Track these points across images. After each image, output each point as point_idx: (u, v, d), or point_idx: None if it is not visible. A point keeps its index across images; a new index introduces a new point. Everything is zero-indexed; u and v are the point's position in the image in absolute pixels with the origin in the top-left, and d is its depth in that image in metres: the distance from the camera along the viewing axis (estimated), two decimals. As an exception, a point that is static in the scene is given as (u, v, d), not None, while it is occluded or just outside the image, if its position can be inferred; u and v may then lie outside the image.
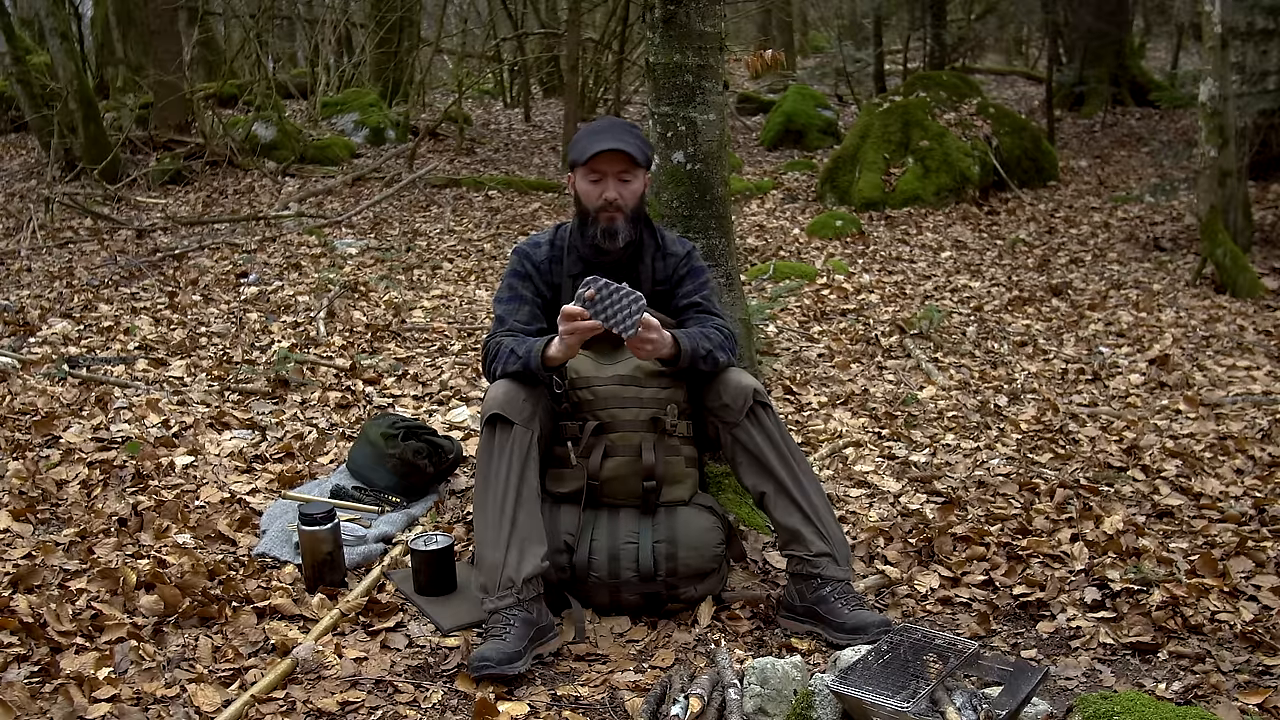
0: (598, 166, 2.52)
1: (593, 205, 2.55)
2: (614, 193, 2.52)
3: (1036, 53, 17.68)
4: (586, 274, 2.57)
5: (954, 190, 8.49)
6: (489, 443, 2.45)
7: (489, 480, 2.43)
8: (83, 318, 5.27)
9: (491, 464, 2.43)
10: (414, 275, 6.32)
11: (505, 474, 2.41)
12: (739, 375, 2.57)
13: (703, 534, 2.53)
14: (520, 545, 2.37)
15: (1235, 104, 6.82)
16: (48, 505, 3.07)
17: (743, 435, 2.52)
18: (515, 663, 2.27)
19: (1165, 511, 3.17)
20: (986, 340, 5.22)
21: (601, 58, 11.16)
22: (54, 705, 2.09)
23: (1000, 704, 1.97)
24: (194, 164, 9.41)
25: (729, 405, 2.52)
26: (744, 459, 2.54)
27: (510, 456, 2.42)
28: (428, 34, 14.13)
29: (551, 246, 2.67)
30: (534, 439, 2.44)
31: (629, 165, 2.52)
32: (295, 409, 3.98)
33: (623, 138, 2.52)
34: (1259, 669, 2.31)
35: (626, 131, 2.56)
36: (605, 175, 2.52)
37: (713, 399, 2.54)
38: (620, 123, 2.64)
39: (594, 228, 2.56)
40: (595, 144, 2.51)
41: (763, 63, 17.03)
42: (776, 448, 2.53)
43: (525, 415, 2.44)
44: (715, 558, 2.55)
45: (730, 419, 2.53)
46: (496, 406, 2.44)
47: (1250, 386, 4.54)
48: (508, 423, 2.43)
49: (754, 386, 2.54)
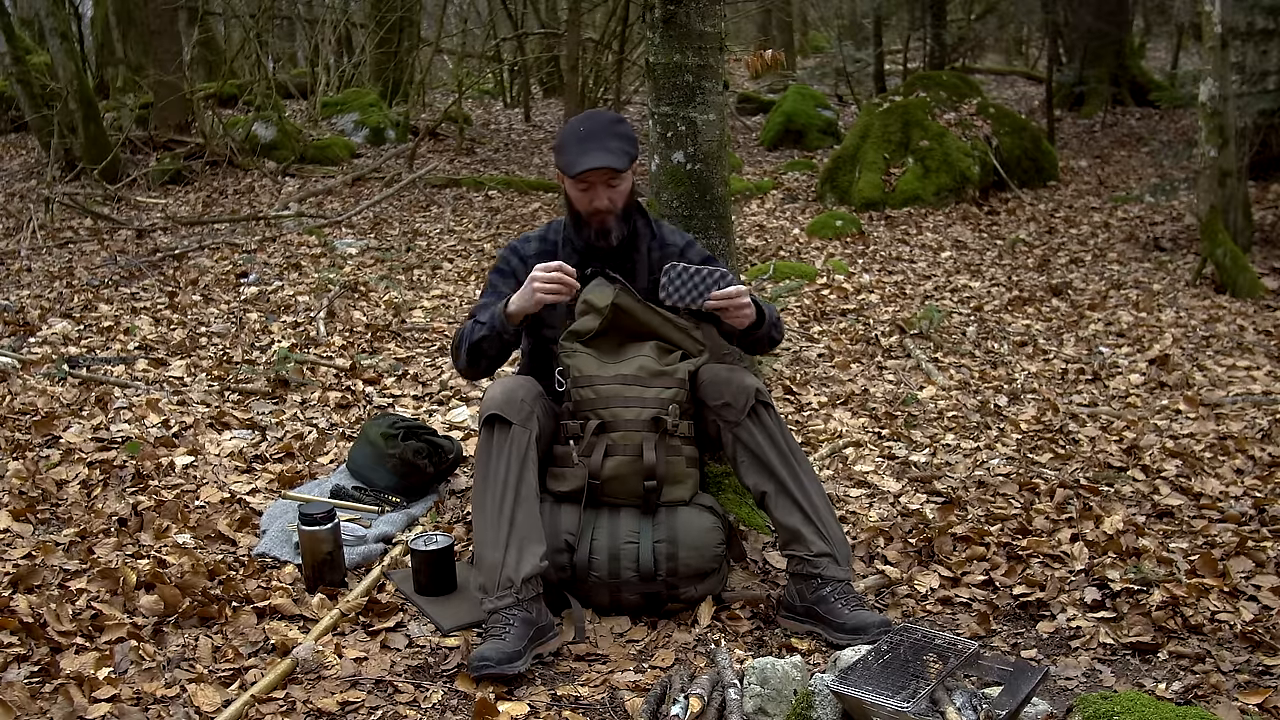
0: (585, 178, 2.53)
1: (584, 210, 2.57)
2: (604, 200, 2.55)
3: (1036, 53, 17.68)
4: (583, 266, 2.58)
5: (954, 190, 8.49)
6: (487, 443, 2.45)
7: (487, 480, 2.43)
8: (83, 318, 5.27)
9: (490, 464, 2.43)
10: (414, 275, 6.32)
11: (504, 474, 2.41)
12: (741, 374, 2.57)
13: (703, 534, 2.53)
14: (519, 545, 2.37)
15: (1235, 104, 6.82)
16: (48, 505, 3.07)
17: (744, 434, 2.53)
18: (515, 662, 2.27)
19: (1165, 511, 3.17)
20: (986, 340, 5.22)
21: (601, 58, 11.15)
22: (54, 705, 2.09)
23: (1000, 704, 1.97)
24: (194, 164, 9.41)
25: (731, 404, 2.52)
26: (745, 458, 2.55)
27: (509, 456, 2.42)
28: (428, 34, 14.12)
29: (543, 241, 2.70)
30: (532, 438, 2.44)
31: (614, 172, 2.53)
32: (295, 409, 3.98)
33: (607, 146, 2.51)
34: (1259, 669, 2.31)
35: (611, 136, 2.55)
36: (593, 185, 2.53)
37: (714, 398, 2.55)
38: (603, 125, 2.59)
39: (587, 230, 2.60)
40: (581, 159, 2.50)
41: (763, 63, 17.02)
42: (778, 447, 2.53)
43: (523, 415, 2.44)
44: (715, 558, 2.55)
45: (732, 418, 2.53)
46: (494, 406, 2.45)
47: (1250, 386, 4.54)
48: (505, 422, 2.43)
49: (756, 386, 2.55)
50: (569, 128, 2.60)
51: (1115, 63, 12.95)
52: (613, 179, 2.53)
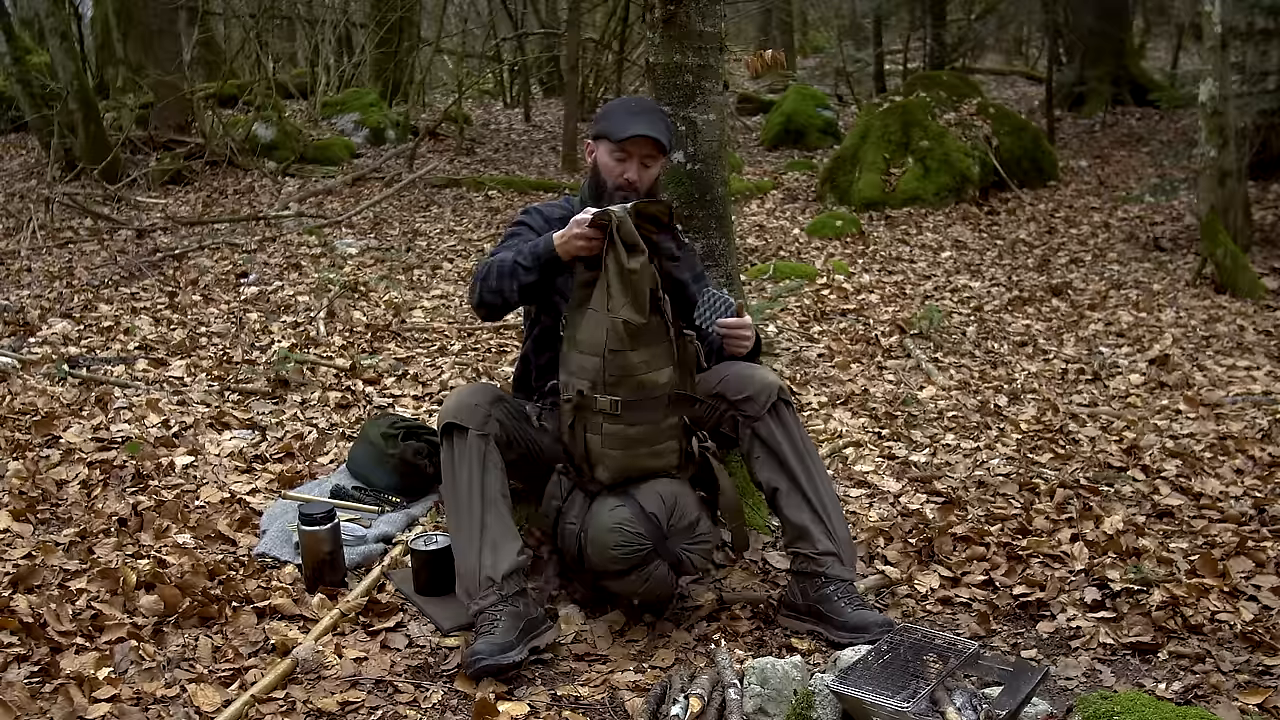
0: (627, 147, 2.54)
1: (611, 180, 2.58)
2: (635, 174, 2.56)
3: (1036, 53, 17.68)
4: None
5: (954, 190, 8.49)
6: (448, 452, 2.46)
7: (455, 489, 2.44)
8: (83, 318, 5.27)
9: (454, 473, 2.44)
10: (414, 275, 6.32)
11: (466, 481, 2.42)
12: (764, 371, 2.59)
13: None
14: (493, 546, 2.39)
15: (1235, 104, 6.82)
16: (48, 505, 3.07)
17: (763, 430, 2.53)
18: (508, 652, 2.27)
19: (1165, 511, 3.17)
20: (986, 340, 5.22)
21: (601, 58, 11.16)
22: (54, 705, 2.09)
23: (1000, 704, 1.97)
24: (194, 164, 9.40)
25: (753, 399, 2.53)
26: (761, 453, 2.55)
27: (470, 463, 2.42)
28: (428, 34, 14.11)
29: (562, 209, 2.70)
30: (491, 441, 2.44)
31: (655, 151, 2.56)
32: (295, 409, 3.98)
33: (657, 124, 2.57)
34: (1259, 669, 2.31)
35: (660, 118, 2.62)
36: (631, 156, 2.56)
37: (736, 392, 2.55)
38: (655, 106, 2.70)
39: (608, 202, 2.57)
40: (632, 125, 2.53)
41: (763, 63, 17.00)
42: (795, 445, 2.54)
43: (478, 419, 2.44)
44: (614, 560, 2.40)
45: (753, 413, 2.53)
46: (450, 416, 2.45)
47: (1250, 386, 4.54)
48: (462, 429, 2.43)
49: (779, 384, 2.56)
50: (617, 101, 2.71)
51: (1115, 63, 12.95)
52: (649, 157, 2.57)
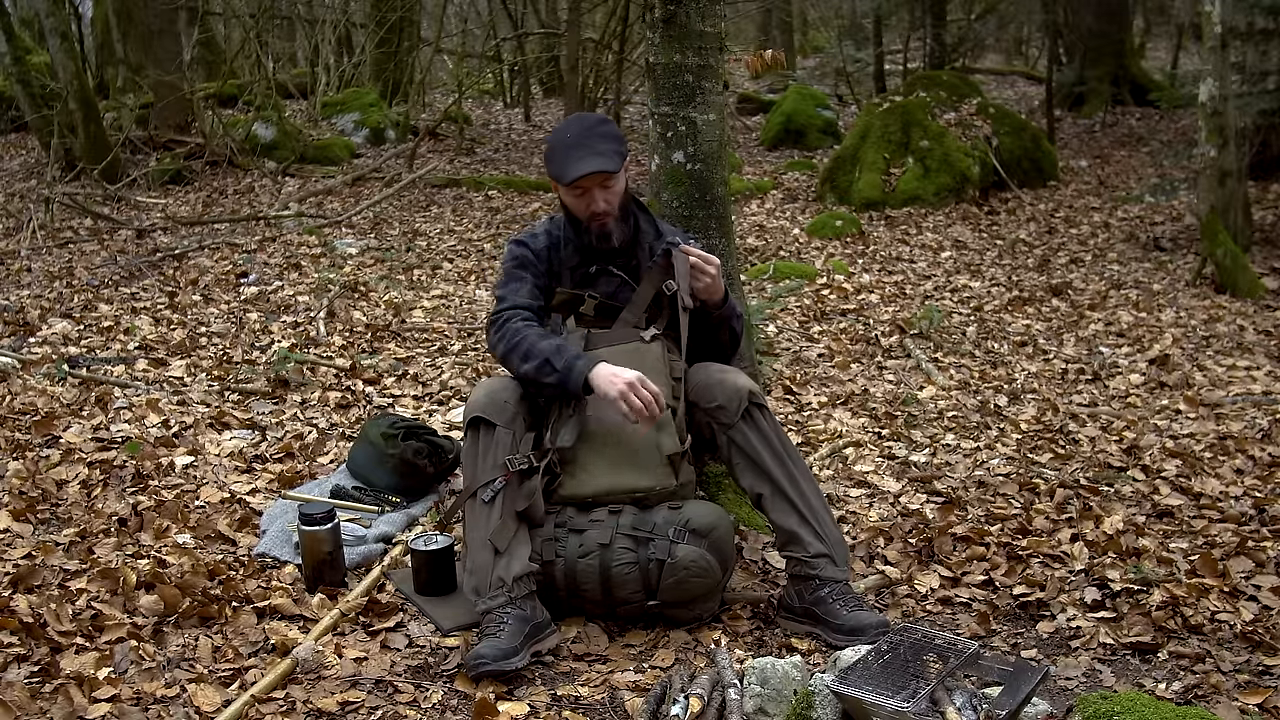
0: (580, 184, 2.51)
1: (582, 215, 2.56)
2: (600, 204, 2.53)
3: (1036, 53, 17.68)
4: (587, 265, 2.58)
5: (954, 190, 8.49)
6: (473, 445, 2.46)
7: (475, 482, 2.43)
8: (83, 318, 5.27)
9: (476, 466, 2.44)
10: (414, 275, 6.32)
11: (489, 475, 2.41)
12: (735, 376, 2.56)
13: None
14: (508, 546, 2.38)
15: (1235, 104, 6.81)
16: (48, 505, 3.07)
17: (739, 437, 2.51)
18: (512, 658, 2.26)
19: (1165, 511, 3.17)
20: (986, 340, 5.22)
21: (601, 58, 11.14)
22: (54, 705, 2.09)
23: (1000, 704, 1.97)
24: (194, 164, 9.40)
25: (724, 406, 2.51)
26: (740, 460, 2.53)
27: (494, 458, 2.42)
28: (428, 34, 14.10)
29: (549, 236, 2.67)
30: (517, 440, 2.44)
31: (608, 174, 2.51)
32: (295, 409, 3.98)
33: (597, 149, 2.49)
34: (1259, 669, 2.31)
35: (599, 138, 2.53)
36: (588, 189, 2.52)
37: (708, 400, 2.53)
38: (589, 127, 2.57)
39: (588, 235, 2.58)
40: (573, 166, 2.49)
41: (763, 63, 17.00)
42: (773, 449, 2.52)
43: (507, 416, 2.44)
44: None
45: (726, 420, 2.51)
46: (478, 409, 2.45)
47: (1250, 386, 4.54)
48: (490, 424, 2.43)
49: (750, 388, 2.53)
50: (555, 136, 2.58)
51: (1115, 63, 12.94)
52: (606, 181, 2.52)
